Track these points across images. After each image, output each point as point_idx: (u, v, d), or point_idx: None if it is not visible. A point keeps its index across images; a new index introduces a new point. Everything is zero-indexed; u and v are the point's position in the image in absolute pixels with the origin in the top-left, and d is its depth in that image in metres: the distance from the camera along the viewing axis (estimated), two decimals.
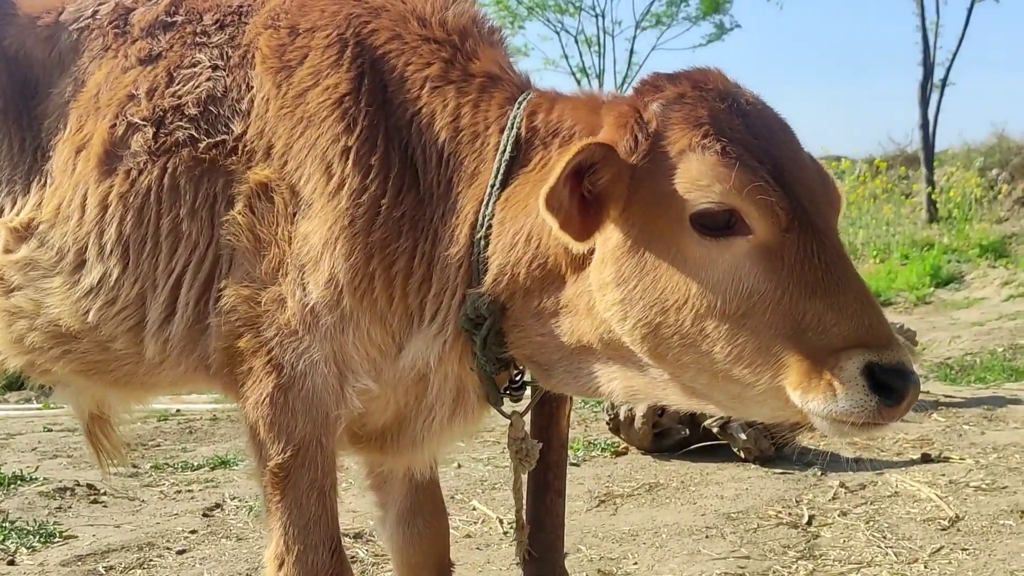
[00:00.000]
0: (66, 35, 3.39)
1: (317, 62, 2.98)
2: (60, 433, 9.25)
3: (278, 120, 2.98)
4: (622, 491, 6.85)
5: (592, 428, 8.53)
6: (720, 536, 5.88)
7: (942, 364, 11.23)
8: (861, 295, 2.40)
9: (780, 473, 7.07)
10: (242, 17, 3.21)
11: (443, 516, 3.42)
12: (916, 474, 6.82)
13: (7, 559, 5.92)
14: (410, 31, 3.00)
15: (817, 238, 2.42)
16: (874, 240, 23.07)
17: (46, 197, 3.23)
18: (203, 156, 3.02)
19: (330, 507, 3.01)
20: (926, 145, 28.38)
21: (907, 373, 2.32)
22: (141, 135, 3.10)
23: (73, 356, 3.31)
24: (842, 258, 2.44)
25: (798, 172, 2.50)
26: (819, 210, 2.48)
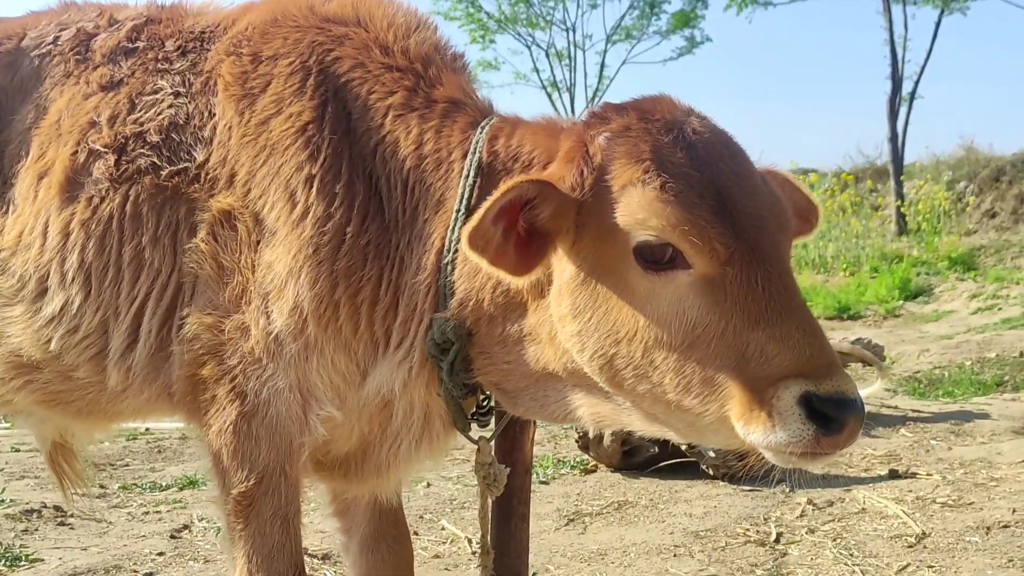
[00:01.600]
0: (28, 61, 3.39)
1: (280, 90, 2.98)
2: (27, 453, 9.18)
3: (241, 148, 2.98)
4: (591, 509, 6.85)
5: (562, 445, 8.54)
6: (688, 555, 5.90)
7: (911, 378, 11.30)
8: (803, 324, 2.39)
9: (748, 490, 7.10)
10: (204, 44, 3.21)
11: (407, 541, 3.42)
12: (883, 490, 6.86)
13: None
14: (373, 59, 3.01)
15: (761, 268, 2.41)
16: (844, 253, 23.18)
17: (8, 224, 3.22)
18: (165, 184, 3.02)
19: (294, 535, 3.01)
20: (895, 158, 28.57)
21: (847, 402, 2.29)
22: (103, 162, 3.09)
23: (35, 386, 3.30)
24: (787, 287, 2.43)
25: (745, 200, 2.49)
26: (766, 238, 2.47)
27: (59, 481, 3.99)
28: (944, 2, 29.61)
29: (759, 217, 2.48)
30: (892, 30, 29.16)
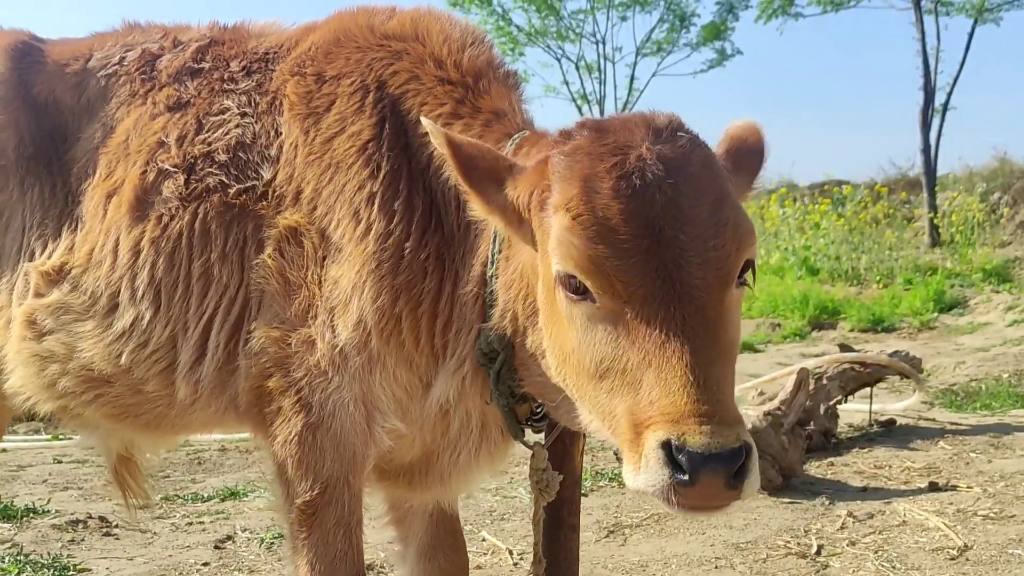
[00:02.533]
0: (94, 81, 3.46)
1: (343, 108, 3.05)
2: (70, 465, 9.27)
3: (307, 166, 3.05)
4: (631, 521, 6.88)
5: (599, 458, 8.56)
6: (730, 567, 5.92)
7: (947, 391, 11.26)
8: (691, 371, 2.25)
9: (788, 503, 7.11)
10: (268, 64, 3.28)
11: (463, 550, 3.46)
12: (924, 503, 6.86)
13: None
14: (427, 72, 3.07)
15: (663, 310, 2.31)
16: (877, 265, 23.05)
17: (78, 241, 3.29)
18: (233, 201, 3.09)
19: (356, 544, 3.07)
20: (928, 169, 28.40)
21: (705, 457, 2.17)
22: (172, 181, 3.17)
23: (105, 400, 3.37)
24: (686, 331, 2.29)
25: (672, 235, 2.36)
26: (683, 278, 2.34)
27: (122, 494, 4.06)
28: (978, 12, 29.41)
29: (682, 254, 2.35)
30: (924, 41, 29.00)
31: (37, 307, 3.31)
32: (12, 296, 3.40)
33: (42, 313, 3.31)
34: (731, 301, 2.42)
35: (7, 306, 3.42)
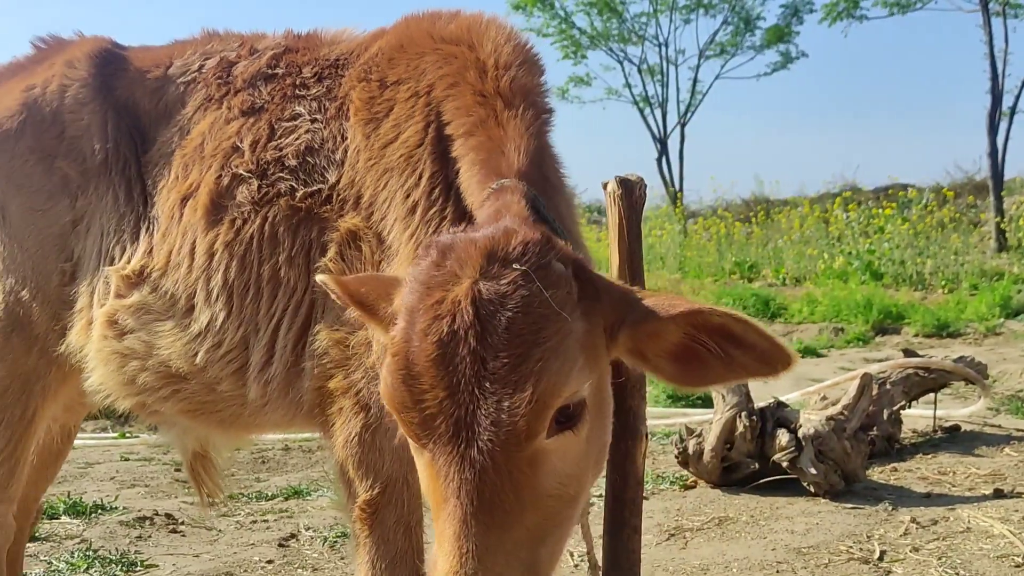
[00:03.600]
0: (173, 88, 3.52)
1: (399, 114, 3.07)
2: (137, 462, 9.41)
3: (367, 171, 3.08)
4: (692, 525, 6.86)
5: (660, 461, 8.55)
6: (791, 571, 5.89)
7: (1013, 397, 11.10)
8: (456, 540, 2.10)
9: (850, 508, 7.05)
10: (339, 70, 3.31)
11: None
12: (988, 510, 6.78)
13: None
14: (468, 80, 3.05)
15: (449, 466, 2.16)
16: (942, 270, 22.83)
17: (156, 244, 3.35)
18: (299, 205, 3.13)
19: (415, 542, 3.09)
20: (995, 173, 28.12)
21: None
22: (246, 187, 3.21)
23: (182, 396, 3.42)
24: (466, 492, 2.13)
25: (471, 388, 2.17)
26: (471, 435, 2.15)
27: (198, 489, 4.12)
28: None
29: (475, 411, 2.15)
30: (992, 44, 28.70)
31: (118, 308, 3.38)
32: (93, 298, 3.47)
33: (123, 313, 3.37)
34: (540, 454, 2.17)
35: (87, 307, 3.48)
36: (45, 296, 3.56)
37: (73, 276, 3.54)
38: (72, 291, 3.53)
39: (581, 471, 2.27)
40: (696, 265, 26.90)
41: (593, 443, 2.31)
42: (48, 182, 3.56)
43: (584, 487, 2.31)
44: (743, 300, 19.66)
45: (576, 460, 2.24)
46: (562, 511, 2.23)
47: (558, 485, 2.19)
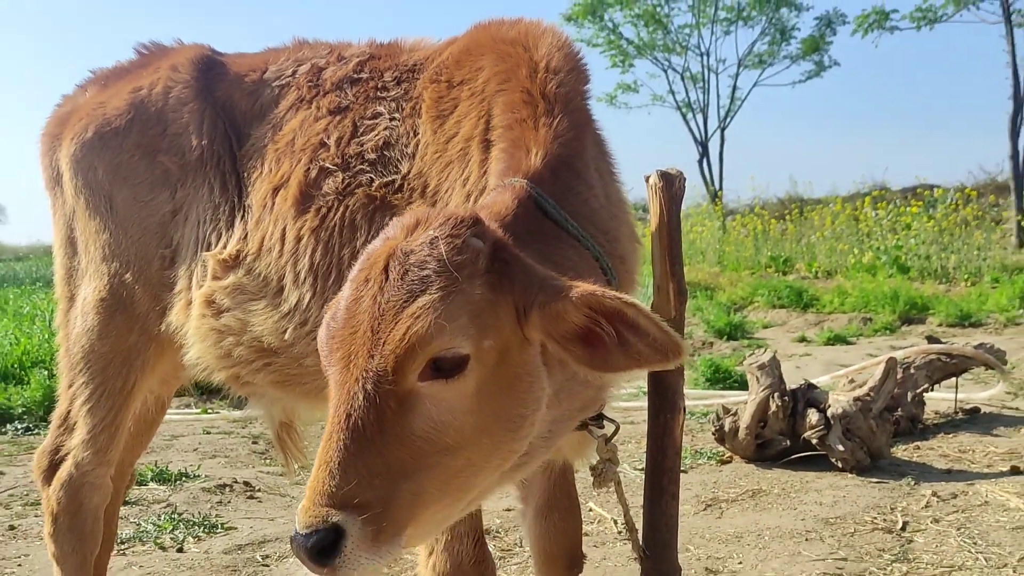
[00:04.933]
0: (268, 90, 3.59)
1: (461, 111, 3.12)
2: (217, 435, 9.55)
3: (432, 162, 3.14)
4: (727, 496, 6.90)
5: (698, 438, 8.58)
6: (819, 539, 5.93)
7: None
8: (322, 453, 2.21)
9: (875, 482, 7.06)
10: (415, 73, 3.37)
11: (577, 511, 3.51)
12: (1006, 485, 6.77)
13: (176, 546, 6.19)
14: (519, 77, 3.06)
15: (338, 392, 2.27)
16: (965, 264, 22.66)
17: (250, 231, 3.42)
18: (375, 194, 3.19)
19: None
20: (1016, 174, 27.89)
21: (293, 535, 2.16)
22: (332, 179, 3.28)
23: (272, 369, 3.49)
24: (339, 415, 2.22)
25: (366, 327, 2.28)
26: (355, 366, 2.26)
27: (284, 456, 4.19)
28: None
29: (363, 345, 2.26)
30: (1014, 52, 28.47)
31: (215, 289, 3.43)
32: (191, 281, 3.53)
33: (220, 294, 3.43)
34: (411, 395, 2.23)
35: (186, 289, 3.55)
36: (147, 279, 3.64)
37: (172, 261, 3.61)
38: (171, 274, 3.61)
39: (463, 424, 2.25)
40: (734, 259, 26.84)
41: (488, 406, 2.30)
42: (151, 175, 3.64)
43: (470, 442, 2.28)
44: (777, 292, 19.62)
45: (455, 412, 2.24)
46: (434, 456, 2.23)
47: (429, 429, 2.22)
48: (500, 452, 2.35)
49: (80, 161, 3.75)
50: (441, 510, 2.32)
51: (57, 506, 3.84)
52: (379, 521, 2.15)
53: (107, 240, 3.70)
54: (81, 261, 3.81)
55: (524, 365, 2.36)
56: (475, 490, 2.39)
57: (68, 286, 3.88)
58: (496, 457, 2.36)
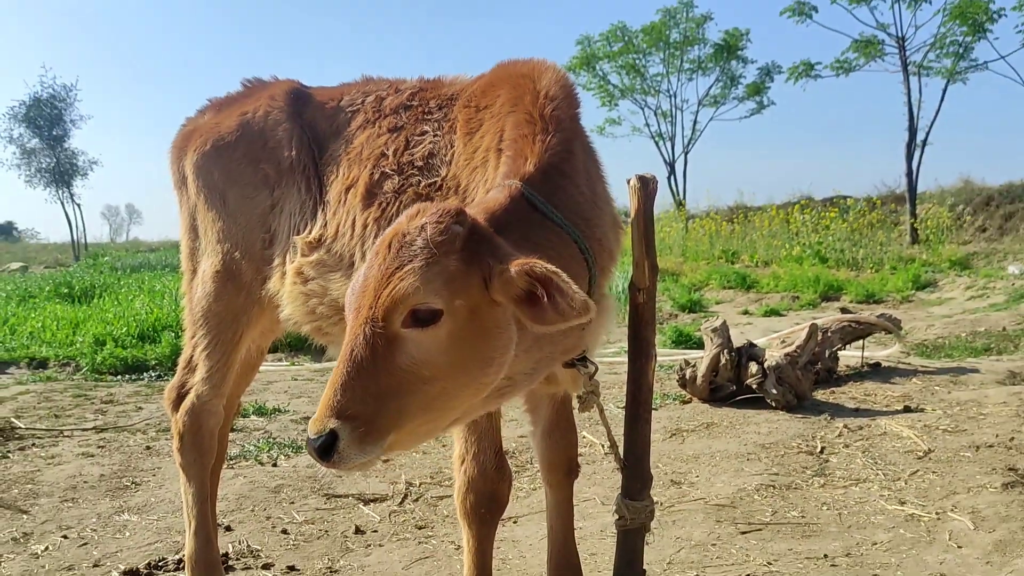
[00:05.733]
0: (343, 114, 3.58)
1: (485, 128, 3.10)
2: (303, 381, 9.60)
3: (463, 168, 3.13)
4: (687, 428, 6.92)
5: (665, 385, 8.57)
6: (758, 459, 5.95)
7: (920, 344, 11.03)
8: (333, 377, 2.28)
9: (800, 417, 7.06)
10: (452, 101, 3.36)
11: (573, 431, 3.50)
12: (900, 420, 6.77)
13: (272, 462, 6.26)
14: (524, 102, 3.02)
15: (347, 331, 2.34)
16: (871, 256, 22.56)
17: (328, 220, 3.42)
18: (421, 192, 3.18)
19: (495, 423, 3.15)
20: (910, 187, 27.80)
21: (307, 440, 2.23)
22: (390, 181, 3.27)
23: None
24: (345, 350, 2.29)
25: (366, 286, 2.36)
26: (355, 313, 2.35)
27: None
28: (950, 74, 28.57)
29: (365, 300, 2.33)
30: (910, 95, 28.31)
31: (304, 263, 3.42)
32: (285, 257, 3.53)
33: (307, 267, 3.42)
34: (397, 337, 2.28)
35: (281, 264, 3.54)
36: (251, 256, 3.65)
37: (271, 242, 3.61)
38: (270, 253, 3.60)
39: (437, 362, 2.28)
40: (694, 252, 26.73)
41: (460, 349, 2.32)
42: (254, 178, 3.64)
43: (445, 376, 2.31)
44: (727, 276, 19.55)
45: (430, 352, 2.28)
46: (414, 383, 2.27)
47: (410, 363, 2.26)
48: (473, 384, 2.39)
49: (201, 167, 3.77)
50: (423, 424, 2.36)
51: (183, 427, 3.87)
52: (367, 428, 2.22)
53: (221, 227, 3.73)
54: (201, 243, 3.84)
55: (492, 320, 2.37)
56: (455, 411, 2.44)
57: (191, 262, 3.91)
58: (470, 388, 2.39)
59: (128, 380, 10.01)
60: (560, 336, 2.65)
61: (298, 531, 4.89)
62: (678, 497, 5.26)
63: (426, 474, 5.88)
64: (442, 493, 5.48)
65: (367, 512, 5.18)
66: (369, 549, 4.62)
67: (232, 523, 5.04)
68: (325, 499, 5.44)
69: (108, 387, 9.53)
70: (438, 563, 4.40)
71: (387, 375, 2.27)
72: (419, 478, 5.79)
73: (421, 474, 5.88)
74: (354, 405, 2.23)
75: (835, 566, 4.15)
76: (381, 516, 5.10)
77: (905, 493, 5.15)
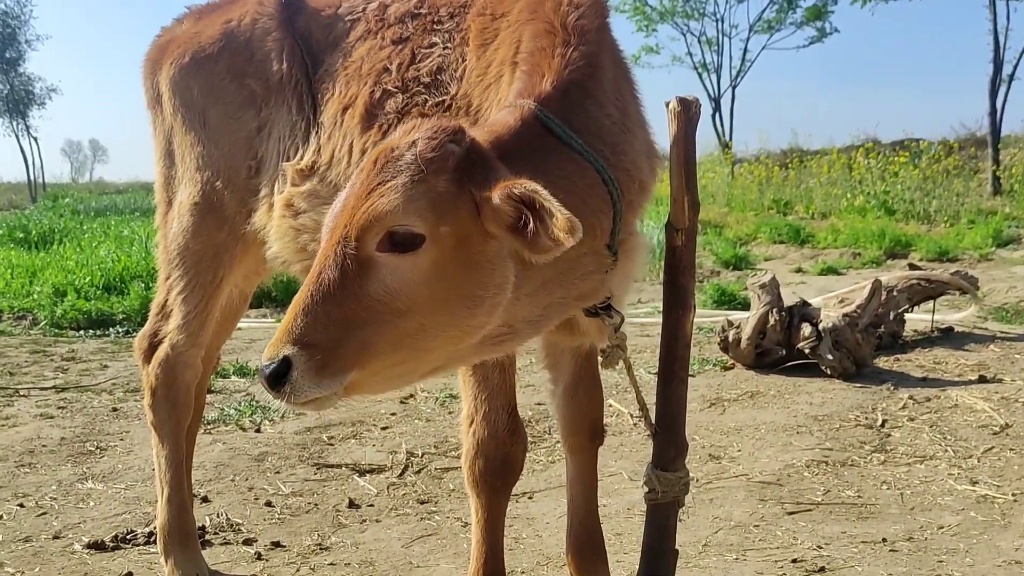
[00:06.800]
0: (341, 24, 3.58)
1: (500, 39, 3.09)
2: None
3: (476, 85, 3.12)
4: (729, 397, 6.95)
5: (705, 349, 8.59)
6: (808, 433, 5.98)
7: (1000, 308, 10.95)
8: (296, 299, 2.32)
9: (859, 387, 7.08)
10: (465, 9, 3.35)
11: (599, 389, 3.54)
12: (974, 391, 6.77)
13: (255, 428, 6.35)
14: (544, 10, 2.98)
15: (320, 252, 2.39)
16: (945, 208, 22.43)
17: (323, 145, 3.43)
18: (427, 113, 3.17)
19: (509, 380, 3.17)
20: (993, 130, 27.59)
21: (261, 368, 2.26)
22: (393, 100, 3.27)
23: None
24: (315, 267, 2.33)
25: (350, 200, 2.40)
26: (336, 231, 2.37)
27: None
28: None
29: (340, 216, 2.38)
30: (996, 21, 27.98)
31: (294, 194, 3.44)
32: (273, 187, 3.54)
33: (297, 198, 3.44)
34: (370, 262, 2.31)
35: (269, 195, 3.57)
36: (235, 186, 3.67)
37: (257, 170, 3.63)
38: (256, 182, 3.62)
39: (415, 294, 2.31)
40: (740, 201, 26.66)
41: (444, 283, 2.34)
42: (239, 96, 3.65)
43: (423, 310, 2.33)
44: (778, 229, 19.50)
45: (407, 282, 2.30)
46: (386, 315, 2.29)
47: (383, 292, 2.28)
48: (456, 326, 2.40)
49: (178, 83, 3.79)
50: (395, 365, 2.38)
51: (156, 381, 3.92)
52: (325, 359, 2.23)
53: (201, 152, 3.75)
54: (178, 170, 3.86)
55: (485, 254, 2.38)
56: (435, 355, 2.45)
57: (166, 192, 3.93)
58: (453, 330, 2.40)
59: (92, 336, 10.11)
60: (574, 279, 2.67)
61: (284, 504, 4.97)
62: (717, 473, 5.30)
63: (430, 443, 5.94)
64: (448, 464, 5.54)
65: (362, 484, 5.25)
66: (364, 525, 4.68)
67: (209, 494, 5.11)
68: (315, 469, 5.51)
69: (70, 343, 9.65)
70: (442, 541, 4.46)
71: (355, 302, 2.29)
72: (422, 447, 5.85)
73: (424, 443, 5.94)
74: (314, 332, 2.25)
75: (895, 551, 4.18)
76: (378, 489, 5.17)
77: (978, 472, 5.17)
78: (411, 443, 5.93)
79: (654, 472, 3.25)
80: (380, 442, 5.99)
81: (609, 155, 2.80)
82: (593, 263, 2.71)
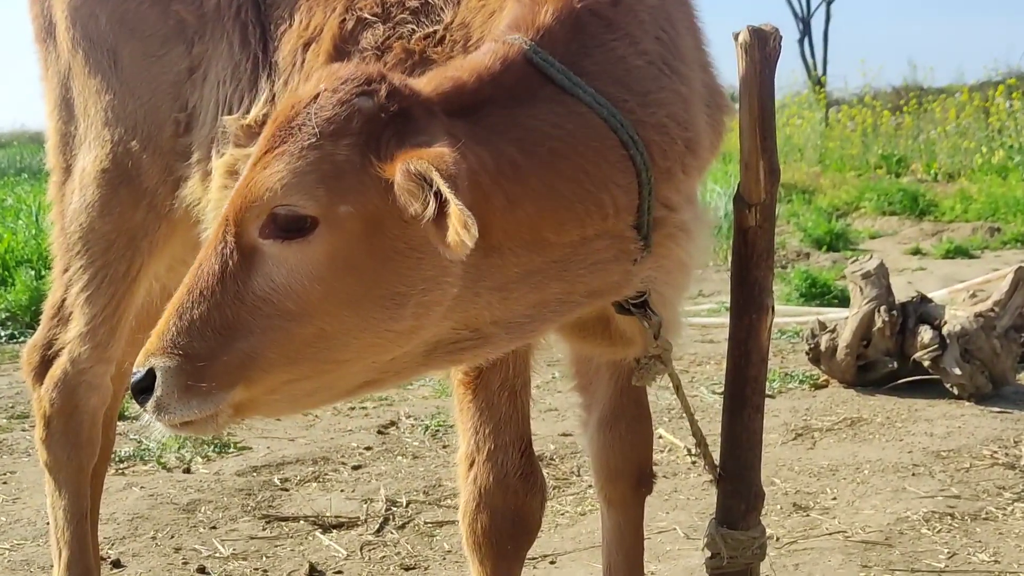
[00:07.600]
0: None
1: None
2: None
3: (476, 11, 3.13)
4: (821, 425, 6.97)
5: (789, 360, 8.62)
6: (928, 474, 5.98)
7: None
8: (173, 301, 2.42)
9: (997, 412, 7.09)
10: None
11: (647, 422, 3.57)
12: None
13: (183, 467, 6.38)
14: None
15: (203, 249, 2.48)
16: None
17: (278, 91, 3.44)
18: (413, 48, 3.19)
19: (521, 407, 3.16)
20: None
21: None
22: (371, 32, 3.27)
23: None
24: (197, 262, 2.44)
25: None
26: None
27: None
28: None
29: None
30: None
31: (240, 158, 3.41)
32: (211, 149, 3.56)
33: (244, 164, 3.48)
34: (253, 251, 2.38)
35: (205, 159, 3.58)
36: (156, 147, 3.67)
37: (188, 127, 3.63)
38: (187, 142, 3.62)
39: (308, 292, 2.34)
40: (838, 157, 26.54)
41: (349, 277, 2.37)
42: (163, 26, 3.63)
43: (322, 312, 2.37)
44: (889, 196, 19.40)
45: (297, 276, 2.34)
46: (274, 319, 2.34)
47: (268, 289, 2.33)
48: (373, 330, 2.42)
49: (79, 9, 3.77)
50: (296, 381, 2.43)
51: (50, 407, 3.92)
52: (198, 373, 2.30)
53: (110, 101, 3.74)
54: (79, 126, 3.85)
55: (407, 240, 2.39)
56: (351, 368, 2.50)
57: (63, 155, 3.92)
58: (369, 334, 2.43)
59: None
60: (579, 269, 2.67)
61: (223, 570, 5.01)
62: (804, 529, 5.32)
63: (417, 488, 5.97)
64: (441, 517, 5.57)
65: (327, 543, 5.29)
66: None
67: (123, 556, 5.15)
68: (264, 523, 5.56)
69: None
70: None
71: (237, 302, 2.35)
72: (406, 493, 5.88)
73: (409, 487, 5.97)
74: (188, 340, 2.32)
75: None
76: (349, 550, 5.21)
77: None
78: (392, 488, 5.96)
79: (718, 531, 3.28)
80: (351, 486, 6.02)
81: (636, 107, 2.77)
82: (609, 249, 2.71)
